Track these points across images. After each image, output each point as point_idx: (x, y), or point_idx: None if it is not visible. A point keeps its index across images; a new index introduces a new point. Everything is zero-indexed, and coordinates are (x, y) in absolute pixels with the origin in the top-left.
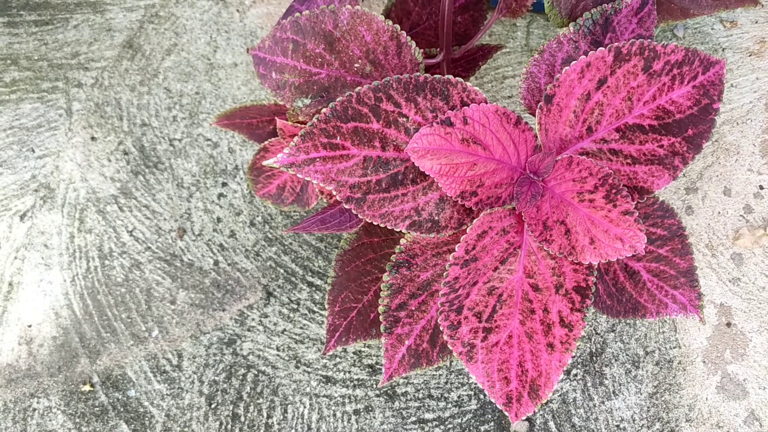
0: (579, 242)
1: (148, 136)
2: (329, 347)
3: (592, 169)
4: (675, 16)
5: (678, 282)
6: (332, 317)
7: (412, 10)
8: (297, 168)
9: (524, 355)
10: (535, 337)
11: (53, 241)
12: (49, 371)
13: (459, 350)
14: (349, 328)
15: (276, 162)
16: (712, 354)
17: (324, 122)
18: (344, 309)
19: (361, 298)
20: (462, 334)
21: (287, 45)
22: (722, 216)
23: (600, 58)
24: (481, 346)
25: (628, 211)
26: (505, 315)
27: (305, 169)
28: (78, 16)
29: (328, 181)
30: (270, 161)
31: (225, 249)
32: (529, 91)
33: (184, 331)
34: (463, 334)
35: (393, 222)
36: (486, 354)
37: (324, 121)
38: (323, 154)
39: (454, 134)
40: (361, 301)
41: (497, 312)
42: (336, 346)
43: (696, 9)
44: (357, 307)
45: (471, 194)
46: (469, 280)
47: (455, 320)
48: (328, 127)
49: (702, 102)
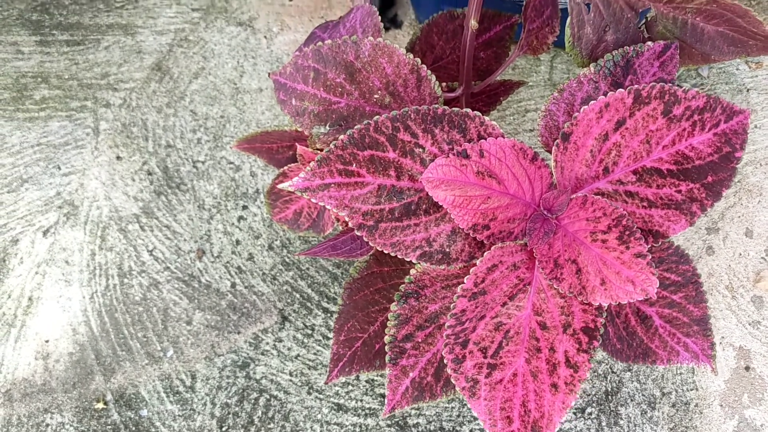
0: (590, 282)
1: (172, 157)
2: (332, 377)
3: (607, 209)
4: (696, 61)
5: (691, 330)
6: (337, 346)
7: (436, 44)
8: (311, 192)
9: (528, 394)
10: (539, 376)
11: (74, 257)
12: (64, 387)
13: (462, 385)
14: (353, 359)
15: (291, 186)
16: (729, 398)
17: (341, 149)
18: (349, 338)
19: (368, 328)
20: (466, 369)
21: (308, 73)
22: (743, 258)
23: (619, 99)
24: (485, 382)
25: (641, 254)
26: (511, 352)
27: (320, 194)
28: (109, 38)
29: (342, 207)
30: (285, 185)
31: (243, 272)
32: (546, 129)
33: (198, 353)
34: (467, 368)
35: (404, 251)
36: (489, 391)
37: (341, 148)
38: (338, 180)
39: (469, 166)
40: (368, 331)
41: (503, 348)
42: (339, 376)
43: (717, 55)
44: (362, 337)
45: (483, 227)
46: (477, 314)
47: (460, 354)
48: (345, 153)
49: (723, 150)
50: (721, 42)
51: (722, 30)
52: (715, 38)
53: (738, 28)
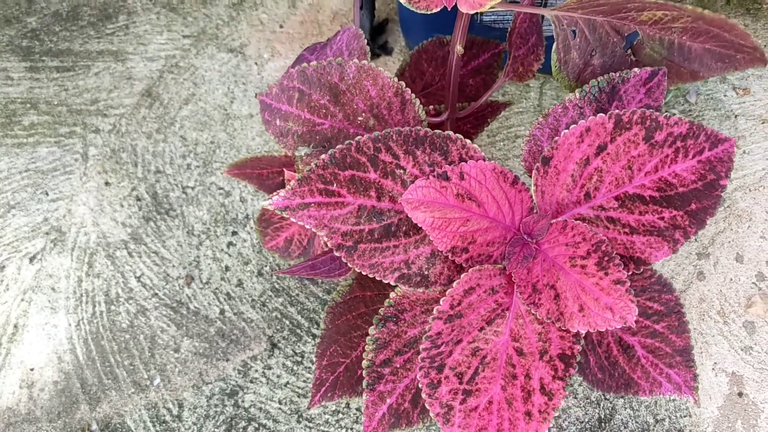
0: (568, 308)
1: (161, 183)
2: (314, 402)
3: (586, 234)
4: (685, 78)
5: (674, 360)
6: (319, 371)
7: (426, 71)
8: (291, 212)
9: (502, 423)
10: (514, 404)
11: (61, 284)
12: (49, 416)
13: (437, 411)
14: (336, 384)
15: (272, 204)
16: (723, 424)
17: (322, 168)
18: (332, 363)
19: (350, 353)
20: (441, 395)
21: (293, 94)
22: (734, 283)
23: (600, 123)
24: (459, 408)
25: (620, 281)
26: (488, 378)
27: (299, 213)
28: (99, 64)
29: (321, 227)
30: (266, 203)
31: (232, 298)
32: (530, 154)
33: (186, 381)
34: (442, 394)
35: (382, 273)
36: (464, 418)
37: (322, 167)
38: (318, 200)
39: (449, 188)
40: (350, 356)
41: (479, 374)
42: (321, 401)
43: (705, 71)
44: (345, 362)
45: (462, 250)
46: (453, 338)
47: (435, 378)
48: (326, 173)
49: (707, 177)
50: (709, 59)
51: (709, 47)
52: (702, 55)
53: (725, 43)
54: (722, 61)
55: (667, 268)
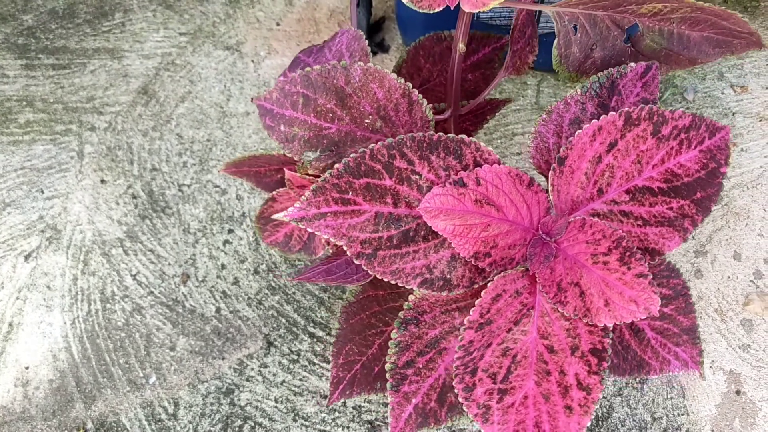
0: (594, 304)
1: (157, 180)
2: (333, 399)
3: (606, 231)
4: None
5: (680, 339)
6: (336, 369)
7: (423, 67)
8: (307, 222)
9: (541, 416)
10: (552, 398)
11: (56, 282)
12: (44, 415)
13: (474, 412)
14: (353, 381)
15: (286, 216)
16: (720, 422)
17: (336, 177)
18: (348, 362)
19: (366, 351)
20: (477, 396)
21: (297, 99)
22: (732, 281)
23: (611, 122)
24: (497, 407)
25: (643, 274)
26: (520, 376)
27: (316, 223)
28: (95, 62)
29: (339, 236)
30: (280, 215)
31: (228, 296)
32: (537, 151)
33: (182, 379)
34: (478, 395)
35: (404, 279)
36: (502, 415)
37: (336, 177)
38: (334, 209)
39: (467, 195)
40: (366, 354)
41: (512, 373)
42: (339, 399)
43: (703, 57)
44: (361, 360)
45: (485, 255)
46: (484, 342)
47: (470, 382)
48: (341, 182)
49: (709, 166)
50: (706, 45)
51: (707, 34)
52: (701, 43)
53: (723, 30)
54: (719, 47)
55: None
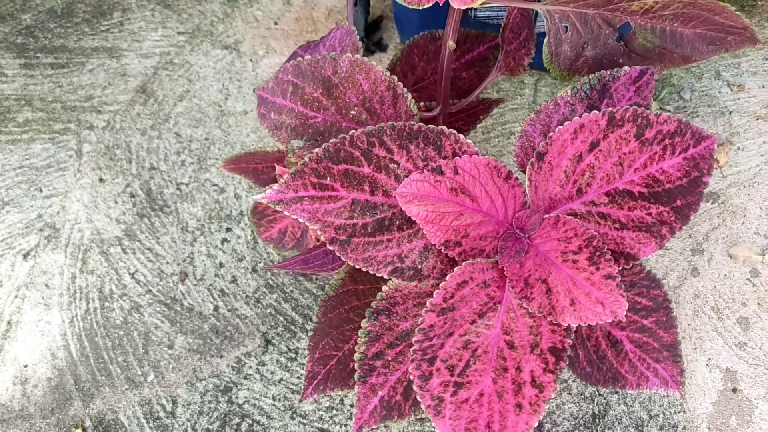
0: (559, 302)
1: (155, 179)
2: (306, 394)
3: (578, 229)
4: (676, 63)
5: (661, 355)
6: (311, 364)
7: (417, 65)
8: (284, 205)
9: (493, 415)
10: (504, 396)
11: (55, 281)
12: (42, 413)
13: (428, 403)
14: (328, 377)
15: (265, 197)
16: (717, 420)
17: (315, 162)
18: (324, 356)
19: (342, 347)
20: (432, 387)
21: (287, 87)
22: (728, 279)
23: (594, 120)
24: (450, 401)
25: (611, 275)
26: (479, 371)
27: (293, 206)
28: (94, 61)
29: (314, 221)
30: (259, 196)
31: (226, 294)
32: (522, 149)
33: (180, 377)
34: (433, 386)
35: (375, 267)
36: (455, 410)
37: (315, 161)
38: (312, 194)
39: (443, 183)
40: (342, 349)
41: (470, 367)
42: (313, 394)
43: (697, 55)
44: (337, 355)
45: (455, 244)
46: (445, 330)
47: (427, 371)
48: (319, 167)
49: (692, 174)
50: (700, 43)
51: (700, 31)
52: (693, 40)
53: (716, 26)
54: (713, 44)
55: (661, 263)
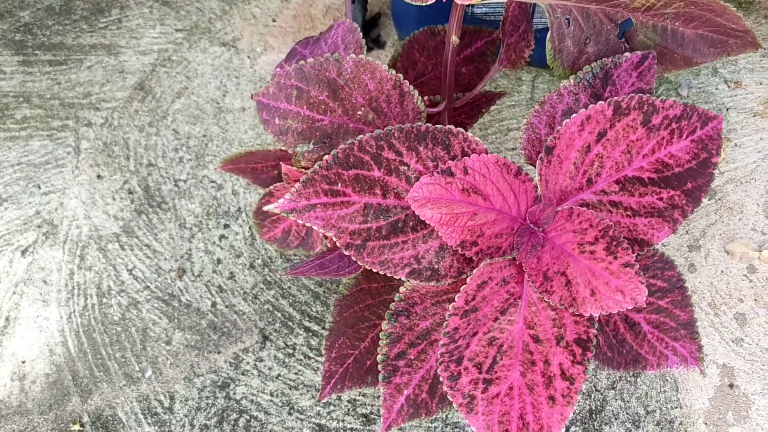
0: (580, 294)
1: (153, 176)
2: (324, 394)
3: (593, 220)
4: (678, 65)
5: (678, 334)
6: (329, 363)
7: (418, 61)
8: (298, 213)
9: (525, 407)
10: (536, 389)
11: (53, 277)
12: (40, 409)
13: (459, 401)
14: (345, 375)
15: (277, 207)
16: (713, 416)
17: (326, 169)
18: (341, 355)
19: (358, 345)
20: (462, 385)
21: (291, 91)
22: (725, 275)
23: (600, 111)
24: (482, 397)
25: (629, 264)
26: (506, 366)
27: (306, 214)
28: (92, 58)
29: (329, 228)
30: (271, 207)
31: (223, 291)
32: (529, 142)
33: (177, 373)
34: (463, 385)
35: (393, 269)
36: (487, 406)
37: (326, 168)
38: (324, 201)
39: (454, 184)
40: (358, 347)
41: (498, 363)
42: (331, 393)
43: (699, 57)
44: (354, 353)
45: (471, 244)
46: (469, 331)
47: (455, 371)
48: (330, 174)
49: (701, 156)
50: (702, 44)
51: (701, 32)
52: (695, 41)
53: (717, 28)
54: (715, 47)
55: None
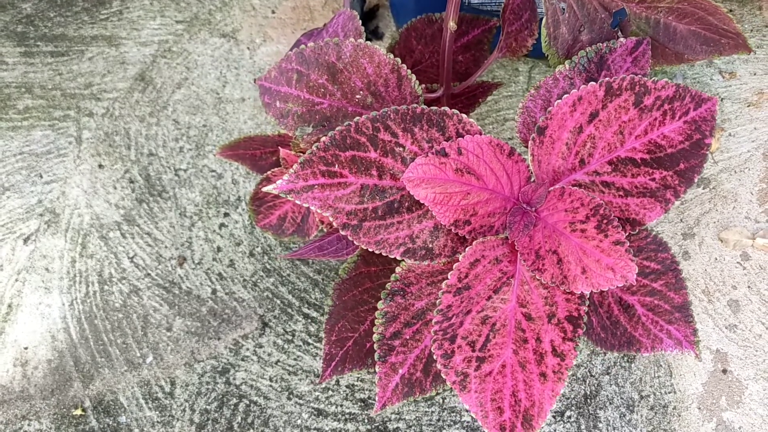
0: (571, 271)
1: (154, 165)
2: (325, 376)
3: (584, 199)
4: (670, 60)
5: (673, 317)
6: (329, 346)
7: (415, 49)
8: (296, 194)
9: (517, 384)
10: (528, 366)
11: (55, 264)
12: (42, 394)
13: (452, 379)
14: (345, 358)
15: (275, 188)
16: (707, 400)
17: (323, 150)
18: (341, 338)
19: (358, 328)
20: (455, 363)
21: (292, 75)
22: (719, 262)
23: (591, 92)
24: (475, 375)
25: (619, 242)
26: (499, 344)
27: (303, 195)
28: (93, 49)
29: (326, 208)
30: (269, 188)
31: (223, 278)
32: (524, 125)
33: (178, 359)
34: (456, 363)
35: (388, 249)
36: (479, 383)
37: (323, 150)
38: (321, 182)
39: (448, 164)
40: (358, 330)
41: (490, 341)
42: (332, 376)
43: (690, 54)
44: (353, 336)
45: (464, 223)
46: (463, 309)
47: (449, 349)
48: (327, 155)
49: (694, 137)
50: (694, 41)
51: (694, 29)
52: (687, 37)
53: (710, 26)
54: (707, 45)
55: None
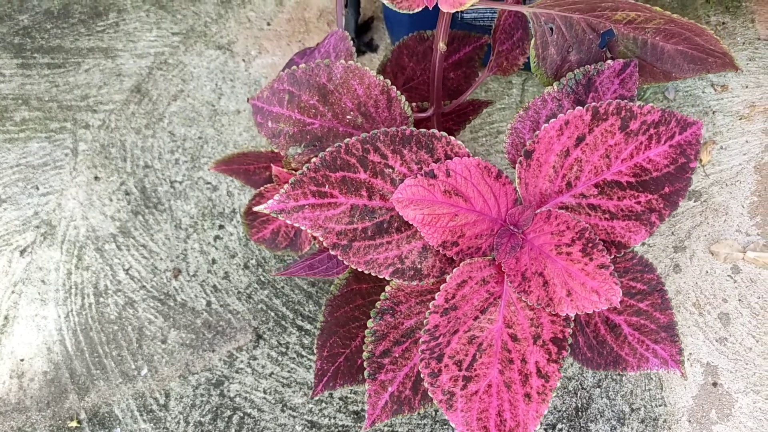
0: (556, 294)
1: (150, 177)
2: (317, 391)
3: (570, 222)
4: (658, 78)
5: (659, 336)
6: (320, 362)
7: (407, 66)
8: (286, 214)
9: (503, 404)
10: (513, 386)
11: (51, 276)
12: (38, 406)
13: (439, 398)
14: (337, 374)
15: (266, 208)
16: (697, 413)
17: (313, 171)
18: (332, 354)
19: (349, 344)
20: (442, 382)
21: (283, 96)
22: (710, 275)
23: (578, 116)
24: (461, 394)
25: (604, 265)
26: (485, 364)
27: (294, 215)
28: (90, 61)
29: (316, 228)
30: (261, 207)
31: (218, 290)
32: (513, 146)
33: (173, 371)
34: (443, 382)
35: (377, 269)
36: (465, 402)
37: (313, 170)
38: (312, 202)
39: (437, 186)
40: (349, 346)
41: (477, 361)
42: (323, 391)
43: (678, 73)
44: (345, 352)
45: (452, 244)
46: (450, 329)
47: (436, 368)
48: (317, 175)
49: (679, 161)
50: (681, 60)
51: (681, 48)
52: (674, 56)
53: (696, 46)
54: (695, 63)
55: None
